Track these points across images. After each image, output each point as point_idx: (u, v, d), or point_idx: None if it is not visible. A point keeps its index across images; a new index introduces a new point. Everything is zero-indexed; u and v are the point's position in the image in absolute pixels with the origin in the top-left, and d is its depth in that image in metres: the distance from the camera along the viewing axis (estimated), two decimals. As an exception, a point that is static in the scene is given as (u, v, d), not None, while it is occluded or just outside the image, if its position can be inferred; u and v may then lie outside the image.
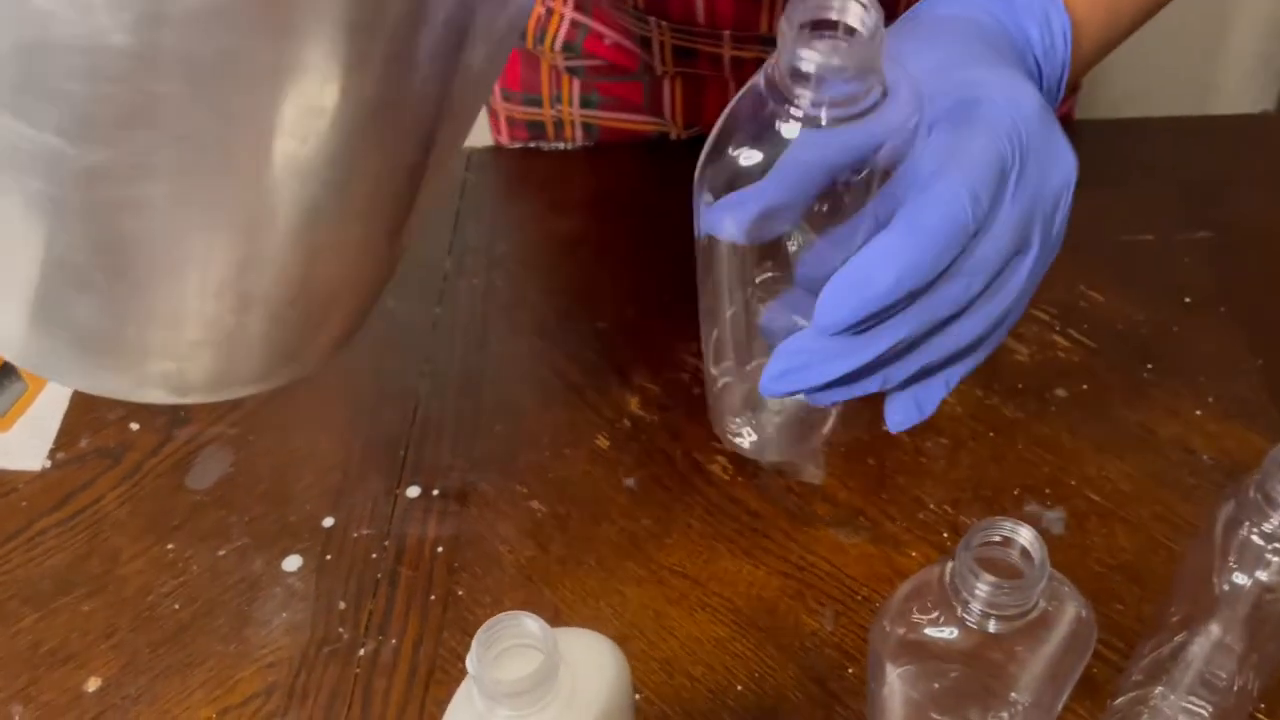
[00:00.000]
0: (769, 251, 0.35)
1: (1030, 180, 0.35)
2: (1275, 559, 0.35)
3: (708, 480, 0.55)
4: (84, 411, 0.60)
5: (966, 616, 0.33)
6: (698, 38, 0.61)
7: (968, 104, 0.35)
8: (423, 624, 0.50)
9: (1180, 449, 0.55)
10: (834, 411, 0.40)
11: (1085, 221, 0.67)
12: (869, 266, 0.32)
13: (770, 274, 0.36)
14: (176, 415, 0.60)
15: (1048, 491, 0.54)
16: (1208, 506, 0.53)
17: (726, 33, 0.60)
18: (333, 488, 0.56)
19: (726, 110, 0.32)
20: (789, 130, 0.31)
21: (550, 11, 0.69)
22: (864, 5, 0.29)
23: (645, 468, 0.56)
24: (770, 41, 0.60)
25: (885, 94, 0.31)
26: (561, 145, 0.74)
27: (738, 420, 0.43)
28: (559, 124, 0.74)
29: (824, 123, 0.30)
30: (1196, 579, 0.39)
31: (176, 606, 0.52)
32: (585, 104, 0.72)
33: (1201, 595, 0.39)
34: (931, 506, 0.54)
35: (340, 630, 0.50)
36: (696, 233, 0.36)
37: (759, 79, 0.31)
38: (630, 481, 0.56)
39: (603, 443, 0.57)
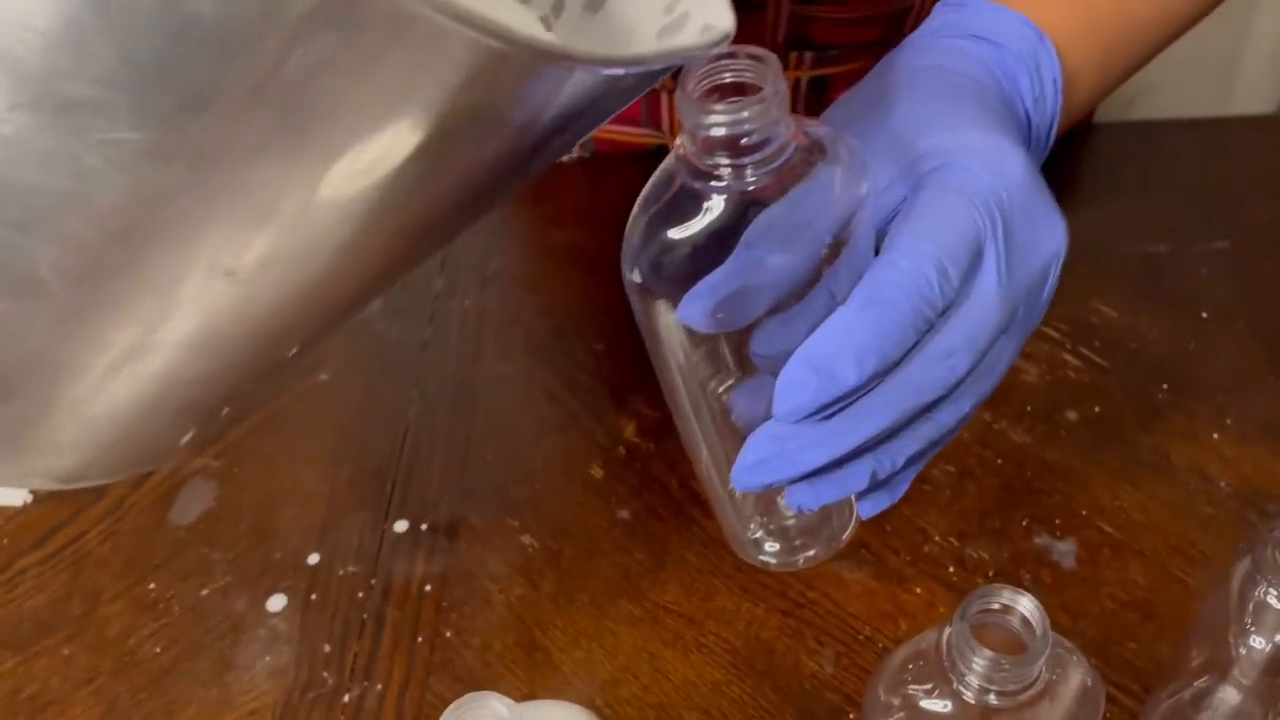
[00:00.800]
0: (721, 341, 0.33)
1: (1016, 252, 0.32)
2: (1295, 624, 0.32)
3: (704, 511, 0.53)
4: (67, 443, 0.59)
5: (964, 690, 0.31)
6: (693, 51, 0.59)
7: (944, 170, 0.33)
8: (409, 668, 0.49)
9: (1197, 475, 0.53)
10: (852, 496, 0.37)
11: (1098, 232, 0.65)
12: (824, 346, 0.30)
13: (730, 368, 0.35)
14: (160, 446, 0.58)
15: (1058, 522, 0.52)
16: (1225, 538, 0.51)
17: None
18: (318, 522, 0.55)
19: (643, 196, 0.31)
20: (714, 203, 0.30)
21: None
22: (758, 58, 0.29)
23: (640, 498, 0.54)
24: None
25: (819, 155, 0.30)
26: (557, 156, 0.72)
27: (756, 533, 0.41)
28: (553, 134, 0.72)
29: (749, 188, 0.29)
30: (1215, 630, 0.37)
31: (158, 650, 0.50)
32: (580, 114, 0.70)
33: (1221, 647, 0.37)
34: (937, 539, 0.52)
35: (325, 675, 0.49)
36: (643, 330, 0.34)
37: (670, 160, 0.30)
38: (624, 513, 0.54)
39: (597, 472, 0.56)
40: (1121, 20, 0.42)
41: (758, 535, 0.42)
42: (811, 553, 0.43)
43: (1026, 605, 0.30)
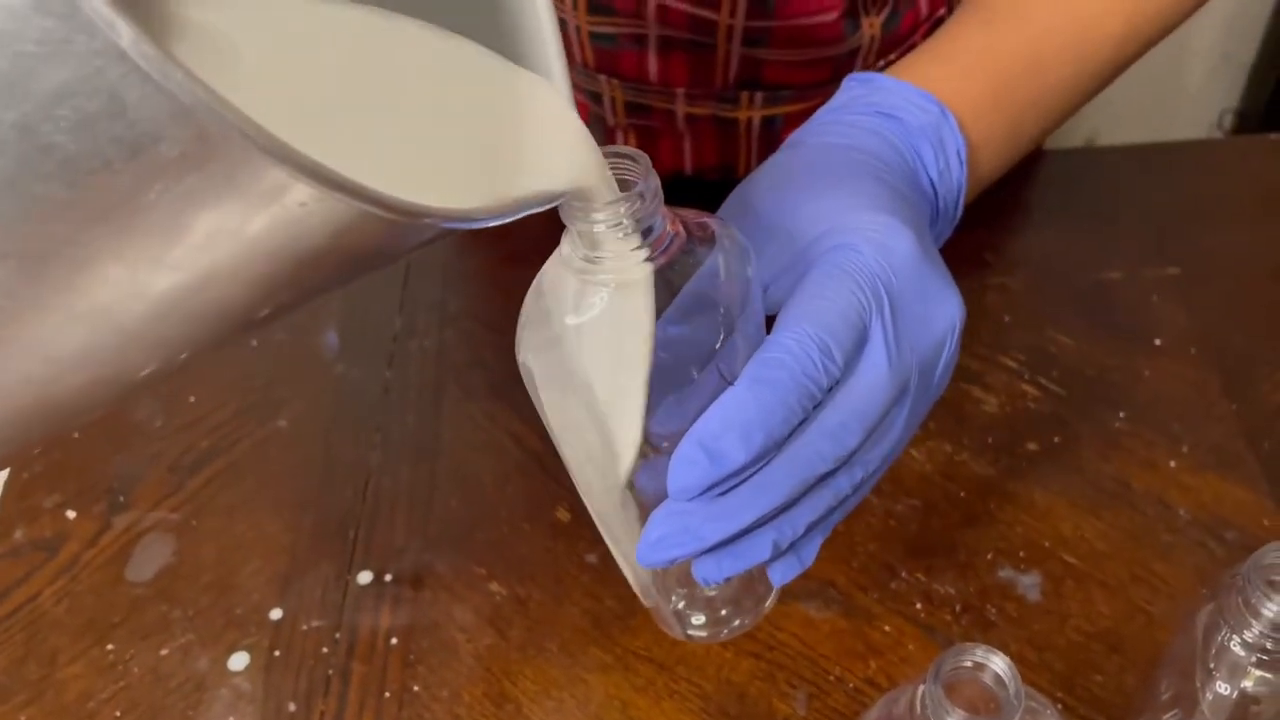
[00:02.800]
0: None
1: (905, 328, 0.33)
2: (1258, 671, 0.33)
3: (672, 553, 0.53)
4: (18, 499, 0.57)
5: (940, 749, 0.31)
6: (650, 94, 0.59)
7: (832, 252, 0.34)
8: (377, 725, 0.48)
9: (1156, 503, 0.54)
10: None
11: (1051, 260, 0.66)
12: (713, 426, 0.31)
13: None
14: (115, 501, 0.57)
15: (1022, 555, 0.52)
16: (1185, 567, 0.51)
17: (680, 90, 0.58)
18: (280, 575, 0.54)
19: (533, 286, 0.33)
20: (600, 295, 0.31)
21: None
22: (632, 157, 0.30)
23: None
24: (726, 99, 0.58)
25: (703, 243, 0.32)
26: (514, 191, 0.72)
27: (679, 605, 0.42)
28: (510, 170, 0.71)
29: (636, 271, 0.31)
30: (1182, 667, 0.37)
31: (118, 713, 0.49)
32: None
33: (1189, 682, 0.37)
34: (904, 575, 0.52)
35: (291, 734, 0.48)
36: (542, 415, 0.36)
37: (556, 255, 0.32)
38: (592, 557, 0.53)
39: (563, 515, 0.55)
40: (1031, 87, 0.43)
41: (680, 607, 0.43)
42: (737, 622, 0.44)
43: (1000, 665, 0.30)
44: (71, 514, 0.57)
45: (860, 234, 0.33)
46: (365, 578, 0.53)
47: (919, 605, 0.51)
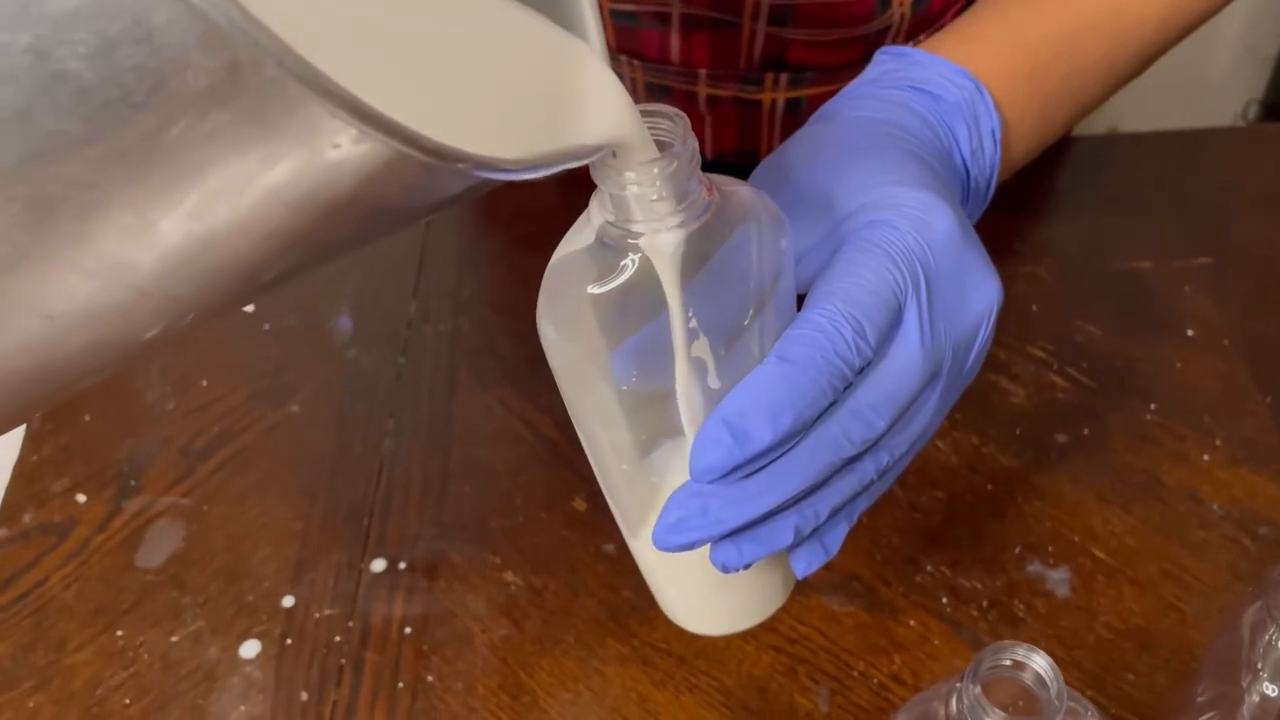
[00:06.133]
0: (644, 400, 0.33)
1: (940, 309, 0.32)
2: (1310, 672, 0.32)
3: (691, 544, 0.52)
4: (28, 484, 0.56)
5: (976, 751, 0.30)
6: (671, 75, 0.57)
7: (867, 228, 0.32)
8: (391, 717, 0.47)
9: (1188, 498, 0.52)
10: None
11: (1080, 248, 0.64)
12: (739, 405, 0.29)
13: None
14: (126, 485, 0.56)
15: (1050, 549, 0.51)
16: (1218, 563, 0.50)
17: (703, 71, 0.56)
18: (292, 562, 0.53)
19: (558, 252, 0.32)
20: (630, 261, 0.30)
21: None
22: (669, 116, 0.29)
23: (625, 532, 0.53)
24: (750, 80, 0.57)
25: (738, 214, 0.30)
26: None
27: (690, 598, 0.41)
28: (527, 153, 0.70)
29: (667, 246, 0.29)
30: (1224, 669, 0.36)
31: (127, 701, 0.48)
32: (554, 133, 0.69)
33: (1229, 686, 0.36)
34: (929, 569, 0.51)
35: (302, 724, 0.47)
36: (562, 390, 0.34)
37: (585, 218, 0.31)
38: (610, 548, 0.52)
39: (580, 505, 0.54)
40: (1066, 67, 0.41)
41: (690, 598, 0.42)
42: (755, 613, 0.43)
43: (1041, 664, 0.29)
44: (81, 498, 0.56)
45: (898, 210, 0.32)
46: (379, 566, 0.52)
47: (945, 600, 0.50)
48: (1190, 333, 0.59)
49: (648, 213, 0.29)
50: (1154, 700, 0.46)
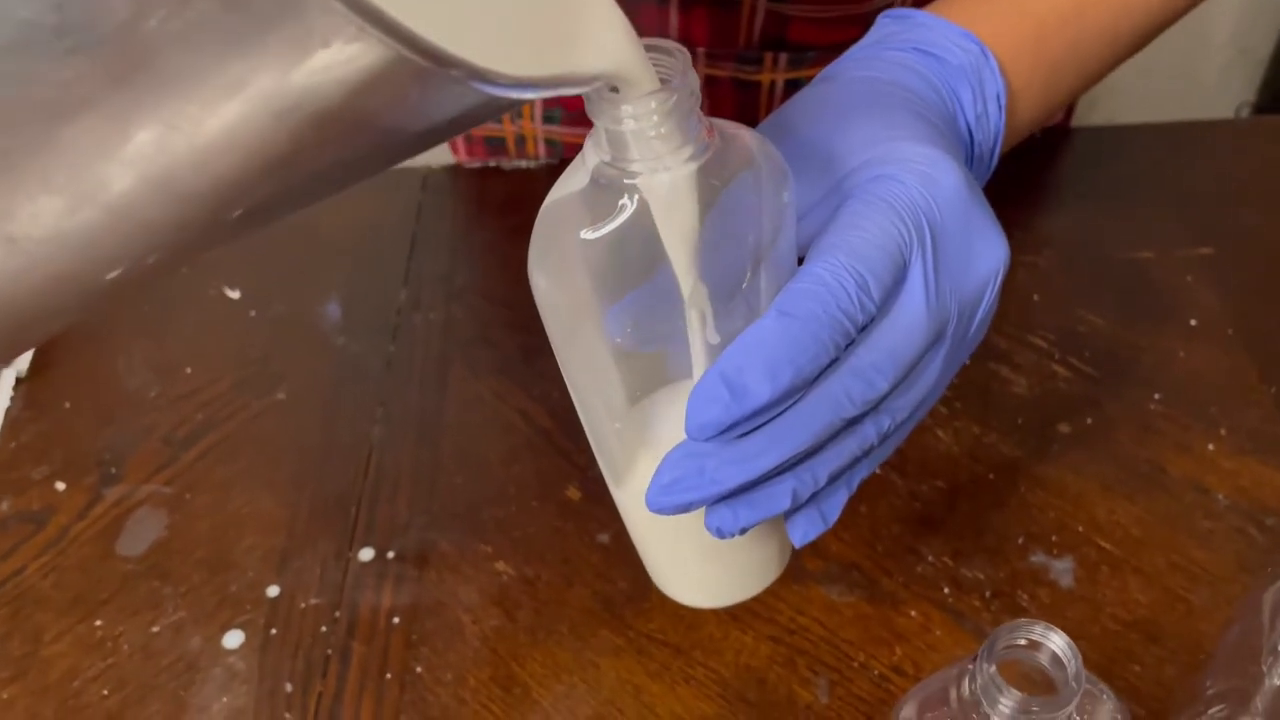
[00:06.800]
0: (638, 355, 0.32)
1: (946, 267, 0.31)
2: (1333, 654, 0.31)
3: (688, 534, 0.51)
4: (6, 471, 0.55)
5: (989, 734, 0.29)
6: (667, 54, 0.56)
7: (872, 182, 0.31)
8: (378, 708, 0.46)
9: (1193, 488, 0.52)
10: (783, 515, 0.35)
11: (1081, 238, 0.64)
12: (737, 360, 0.28)
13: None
14: (107, 473, 0.55)
15: (1054, 539, 0.50)
16: (1225, 554, 0.49)
17: (700, 50, 0.55)
18: (278, 551, 0.51)
19: (551, 195, 0.30)
20: (628, 202, 0.28)
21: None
22: (668, 51, 0.28)
23: (620, 522, 0.51)
24: (748, 59, 0.56)
25: (740, 160, 0.29)
26: (524, 163, 0.69)
27: (682, 566, 0.39)
28: (520, 140, 0.69)
29: (665, 186, 0.28)
30: (1236, 658, 0.35)
31: (105, 692, 0.47)
32: (548, 119, 0.68)
33: (1239, 676, 0.35)
34: (930, 559, 0.50)
35: (287, 716, 0.46)
36: (554, 342, 0.33)
37: (580, 158, 0.29)
38: (604, 537, 0.51)
39: (574, 494, 0.53)
40: (1071, 34, 0.41)
41: (683, 566, 0.41)
42: (749, 585, 0.41)
43: (1059, 643, 0.28)
44: (61, 486, 0.54)
45: (903, 164, 0.31)
46: (367, 555, 0.51)
47: (946, 590, 0.48)
48: (1193, 323, 0.58)
49: (645, 150, 0.27)
50: (1162, 692, 0.45)
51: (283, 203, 0.22)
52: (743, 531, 0.31)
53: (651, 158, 0.27)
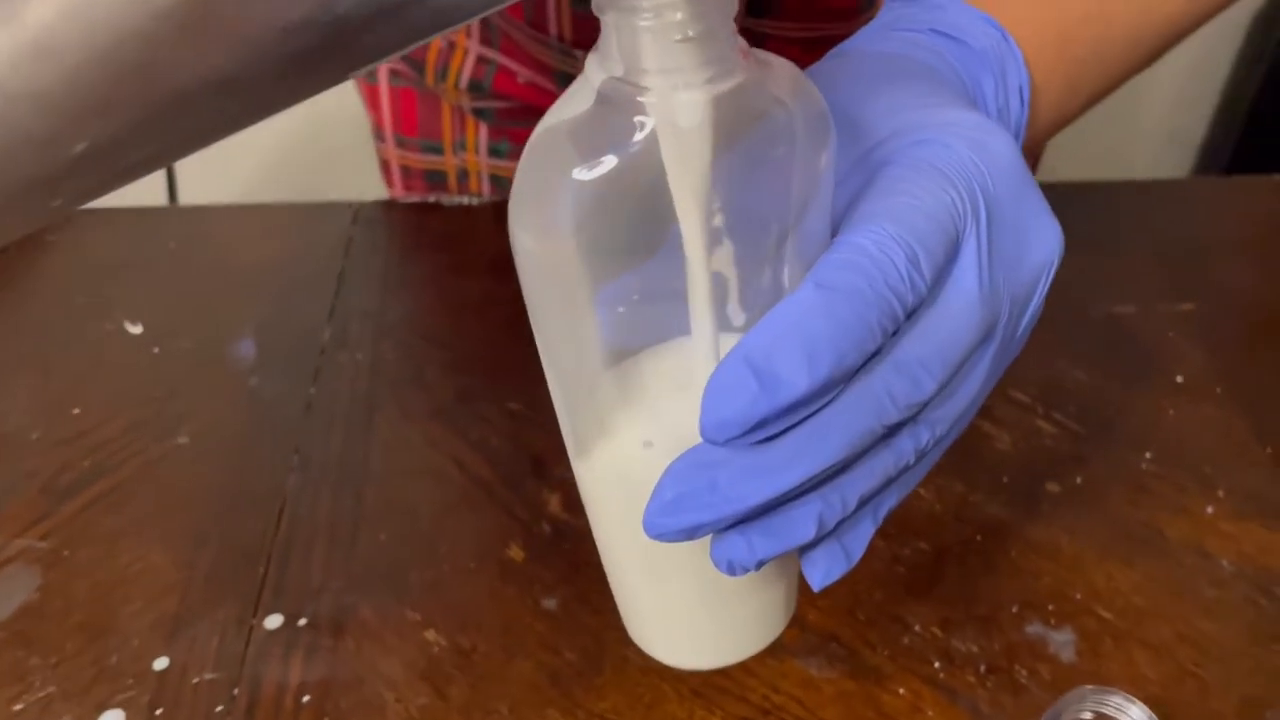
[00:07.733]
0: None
1: (1001, 251, 0.26)
2: None
3: (645, 599, 0.45)
4: None
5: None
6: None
7: (915, 146, 0.27)
8: (281, 803, 0.39)
9: (1195, 553, 0.47)
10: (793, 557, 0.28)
11: (1060, 291, 0.60)
12: (767, 340, 0.23)
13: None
14: (-30, 524, 0.47)
15: (1051, 608, 0.45)
16: (1234, 625, 0.45)
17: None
18: (168, 617, 0.44)
19: (543, 124, 0.24)
20: (641, 130, 0.22)
21: (452, 45, 0.59)
22: None
23: (570, 584, 0.45)
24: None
25: (775, 102, 0.24)
26: (465, 200, 0.64)
27: (665, 609, 0.32)
28: (463, 174, 0.64)
29: (686, 108, 0.22)
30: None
31: (-53, 785, 0.39)
32: (494, 153, 0.63)
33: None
34: (917, 629, 0.44)
35: (169, 814, 0.38)
36: (534, 315, 0.27)
37: (581, 80, 0.23)
38: (550, 603, 0.45)
39: (516, 553, 0.47)
40: (1092, 35, 0.37)
41: (672, 622, 0.33)
42: (750, 644, 0.34)
43: (1138, 716, 0.23)
44: (-87, 538, 0.46)
45: (949, 129, 0.26)
46: (274, 622, 0.44)
47: (937, 664, 0.43)
48: (1179, 379, 0.55)
49: (664, 59, 0.22)
50: (1182, 780, 0.40)
51: (197, 129, 0.17)
52: (758, 566, 0.25)
53: (671, 70, 0.22)
